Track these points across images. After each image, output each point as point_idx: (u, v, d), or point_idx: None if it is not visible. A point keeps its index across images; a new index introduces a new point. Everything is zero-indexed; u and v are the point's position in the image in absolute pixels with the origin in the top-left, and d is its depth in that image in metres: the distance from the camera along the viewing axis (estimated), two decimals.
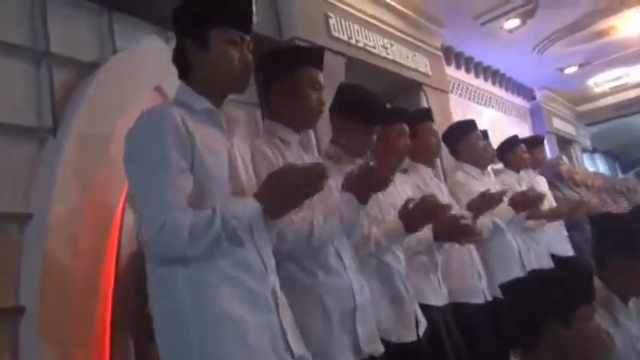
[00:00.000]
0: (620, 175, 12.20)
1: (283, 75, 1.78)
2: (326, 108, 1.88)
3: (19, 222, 1.97)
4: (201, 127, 1.34)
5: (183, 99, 1.40)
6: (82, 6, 2.40)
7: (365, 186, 1.68)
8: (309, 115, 1.79)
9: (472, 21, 4.93)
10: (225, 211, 1.24)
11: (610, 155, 12.11)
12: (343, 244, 1.76)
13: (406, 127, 2.46)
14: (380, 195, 1.96)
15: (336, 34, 3.49)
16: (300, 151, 1.82)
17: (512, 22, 5.17)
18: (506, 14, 4.98)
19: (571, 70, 7.12)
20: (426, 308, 2.13)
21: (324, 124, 2.09)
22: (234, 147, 1.44)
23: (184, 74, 1.44)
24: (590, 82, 7.96)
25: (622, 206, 5.67)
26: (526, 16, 5.08)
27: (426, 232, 2.20)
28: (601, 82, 8.03)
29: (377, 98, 2.10)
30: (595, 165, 10.26)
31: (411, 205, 2.02)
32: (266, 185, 1.32)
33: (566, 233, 4.05)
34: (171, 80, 1.54)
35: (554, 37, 5.76)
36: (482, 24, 4.99)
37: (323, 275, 1.66)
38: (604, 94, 8.48)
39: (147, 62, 2.47)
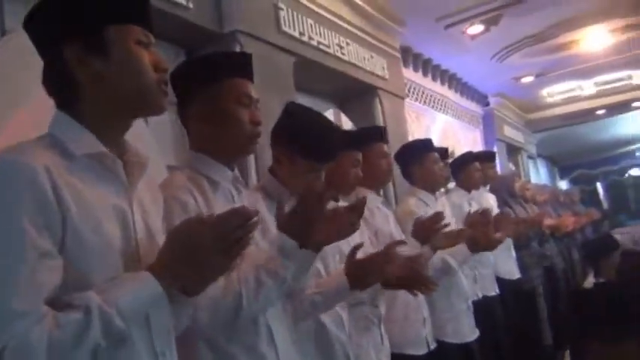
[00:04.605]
0: (559, 180, 12.77)
1: (199, 92, 1.36)
2: (268, 125, 1.48)
3: None
4: (80, 183, 0.91)
5: (59, 136, 0.95)
6: None
7: (304, 225, 1.25)
8: (241, 141, 1.36)
9: (435, 23, 4.60)
10: (106, 307, 0.83)
11: (550, 160, 12.43)
12: (276, 312, 1.37)
13: (359, 156, 2.11)
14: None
15: (287, 29, 3.05)
16: (234, 194, 1.40)
17: (476, 28, 4.91)
18: (470, 19, 4.70)
19: (527, 79, 7.02)
20: None
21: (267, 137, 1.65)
22: (135, 206, 1.00)
23: (66, 102, 0.99)
24: (544, 92, 7.96)
25: (568, 218, 5.73)
26: (490, 23, 4.82)
27: None
28: (554, 92, 8.04)
29: (332, 132, 1.70)
30: (537, 169, 10.42)
31: (359, 256, 1.66)
32: (166, 252, 0.92)
33: (514, 254, 3.90)
34: None
35: (515, 47, 5.56)
36: (446, 27, 4.68)
37: None
38: (555, 104, 8.50)
39: None
